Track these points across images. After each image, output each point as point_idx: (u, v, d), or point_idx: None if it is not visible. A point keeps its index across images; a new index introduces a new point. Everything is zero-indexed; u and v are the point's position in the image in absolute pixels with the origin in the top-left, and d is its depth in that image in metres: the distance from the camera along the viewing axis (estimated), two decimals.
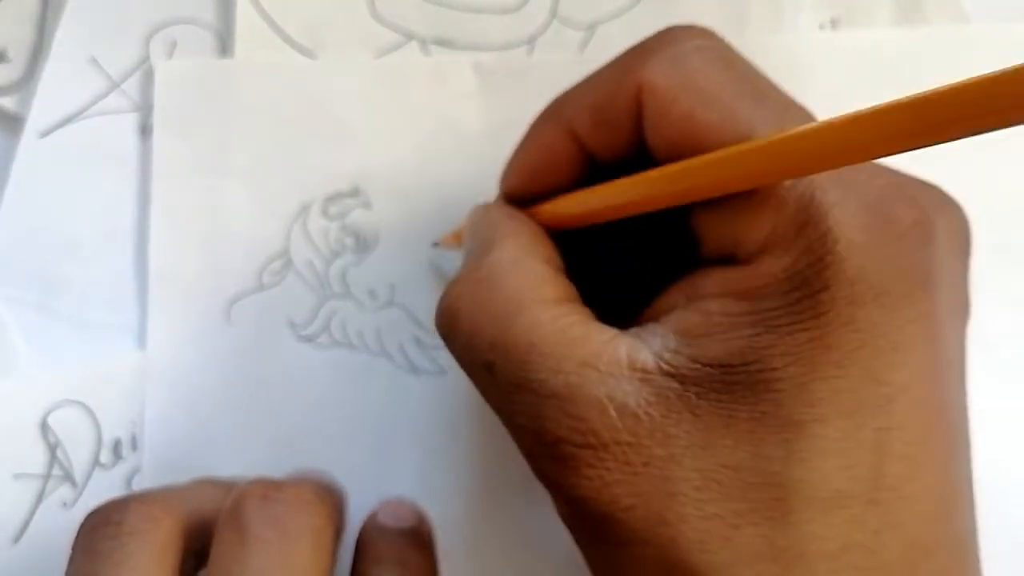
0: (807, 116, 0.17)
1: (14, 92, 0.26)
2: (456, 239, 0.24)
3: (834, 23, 0.27)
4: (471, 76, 0.26)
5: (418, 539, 0.23)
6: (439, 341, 0.26)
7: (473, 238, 0.20)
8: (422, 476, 0.25)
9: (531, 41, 0.27)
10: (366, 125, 0.26)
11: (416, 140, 0.26)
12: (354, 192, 0.26)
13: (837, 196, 0.15)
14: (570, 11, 0.27)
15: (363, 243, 0.26)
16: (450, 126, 0.26)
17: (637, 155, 0.18)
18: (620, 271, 0.21)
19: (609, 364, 0.16)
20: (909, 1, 0.27)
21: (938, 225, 0.16)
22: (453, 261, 0.25)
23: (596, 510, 0.16)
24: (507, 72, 0.26)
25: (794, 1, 0.27)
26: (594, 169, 0.19)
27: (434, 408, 0.26)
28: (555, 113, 0.20)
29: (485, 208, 0.21)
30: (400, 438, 0.26)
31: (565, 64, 0.20)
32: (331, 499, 0.21)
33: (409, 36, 0.27)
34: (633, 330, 0.17)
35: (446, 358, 0.26)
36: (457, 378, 0.26)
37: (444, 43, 0.27)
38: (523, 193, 0.21)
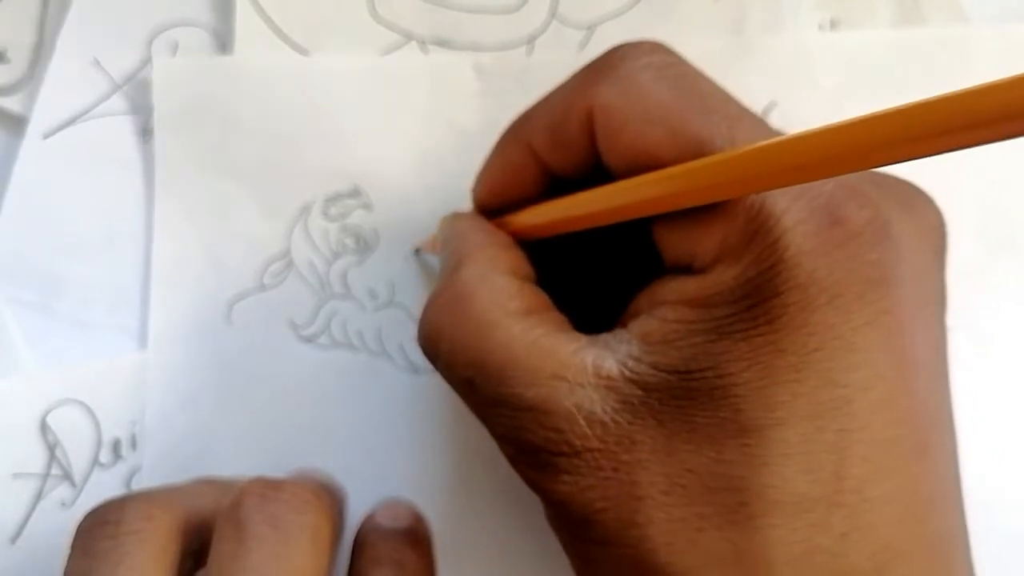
0: (761, 127, 0.17)
1: (15, 93, 0.26)
2: (435, 244, 0.24)
3: (834, 23, 0.27)
4: (471, 76, 0.27)
5: (415, 539, 0.23)
6: None
7: (445, 250, 0.21)
8: (421, 476, 0.25)
9: (530, 41, 0.27)
10: (366, 125, 0.26)
11: (416, 140, 0.26)
12: (354, 193, 0.26)
13: (786, 203, 0.16)
14: (569, 11, 0.27)
15: (364, 244, 0.26)
16: (450, 126, 0.26)
17: (597, 169, 0.19)
18: (599, 277, 0.21)
19: (576, 374, 0.17)
20: (909, 1, 0.27)
21: (895, 222, 0.16)
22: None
23: (574, 512, 0.17)
24: (507, 72, 0.26)
25: (794, 1, 0.27)
26: (558, 182, 0.20)
27: (434, 408, 0.26)
28: (516, 132, 0.20)
29: (454, 219, 0.22)
30: (400, 438, 0.25)
31: (564, 64, 0.20)
32: (330, 498, 0.21)
33: (409, 36, 0.27)
34: (603, 336, 0.17)
35: None
36: None
37: (444, 43, 0.27)
38: (491, 205, 0.22)
